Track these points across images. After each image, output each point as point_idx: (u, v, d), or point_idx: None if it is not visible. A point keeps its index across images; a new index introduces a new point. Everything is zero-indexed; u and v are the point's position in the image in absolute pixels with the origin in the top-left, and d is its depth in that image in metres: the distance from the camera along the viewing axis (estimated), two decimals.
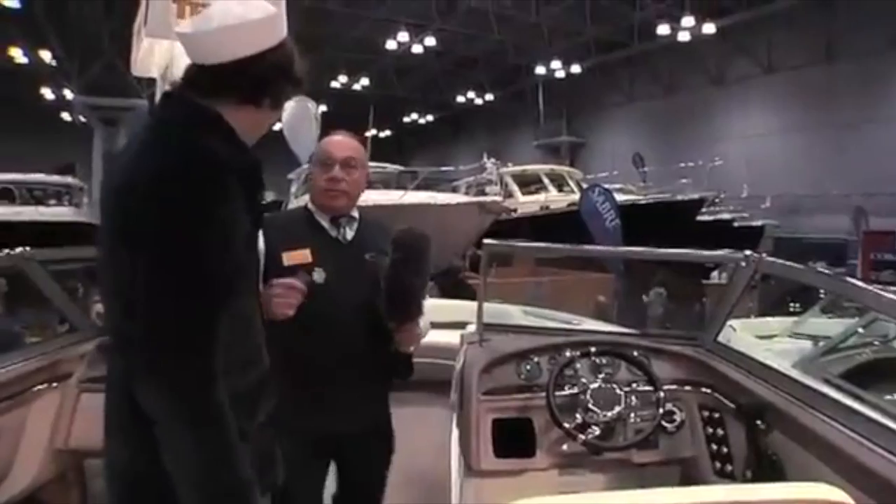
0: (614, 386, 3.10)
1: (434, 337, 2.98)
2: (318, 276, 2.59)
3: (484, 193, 16.09)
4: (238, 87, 1.77)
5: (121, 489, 1.80)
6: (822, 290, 4.35)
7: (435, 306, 2.90)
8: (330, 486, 2.85)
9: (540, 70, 30.20)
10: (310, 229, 2.73)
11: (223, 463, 1.61)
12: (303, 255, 2.62)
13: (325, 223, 2.74)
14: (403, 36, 26.97)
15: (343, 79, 33.35)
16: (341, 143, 2.78)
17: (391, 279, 2.54)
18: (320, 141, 2.87)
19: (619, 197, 17.63)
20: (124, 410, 1.71)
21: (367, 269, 2.65)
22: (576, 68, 29.74)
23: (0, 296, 7.87)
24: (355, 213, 2.80)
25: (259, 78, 1.78)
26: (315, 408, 2.60)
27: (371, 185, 17.67)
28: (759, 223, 18.19)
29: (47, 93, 32.04)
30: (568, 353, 3.22)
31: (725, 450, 3.00)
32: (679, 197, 18.06)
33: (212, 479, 1.61)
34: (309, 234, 2.71)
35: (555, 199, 20.03)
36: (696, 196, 17.88)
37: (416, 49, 28.27)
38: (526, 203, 20.21)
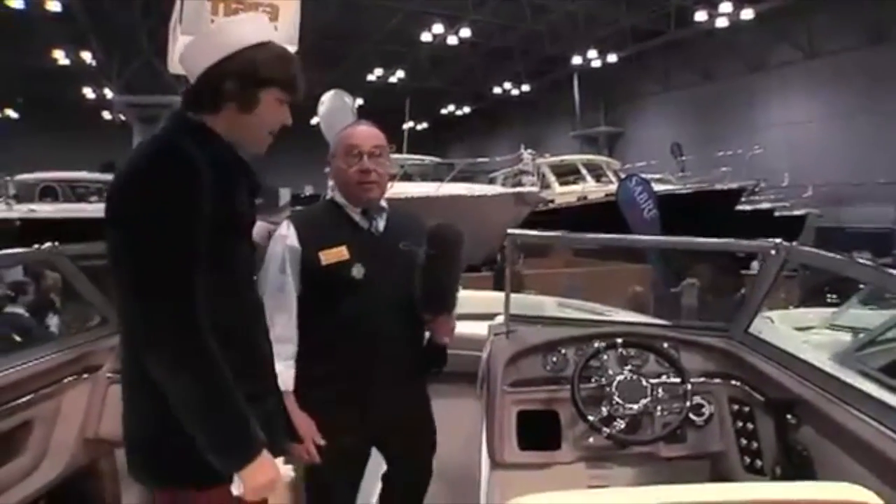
0: (641, 378, 3.06)
1: (464, 328, 3.00)
2: (357, 271, 2.63)
3: (520, 184, 16.02)
4: (203, 98, 1.99)
5: (140, 461, 1.99)
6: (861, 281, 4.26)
7: (466, 297, 2.86)
8: (369, 476, 2.91)
9: (576, 60, 29.93)
10: (342, 224, 2.74)
11: (219, 395, 1.80)
12: (339, 253, 2.65)
13: (356, 216, 2.75)
14: (438, 28, 26.92)
15: (378, 72, 33.36)
16: (366, 132, 2.77)
17: (426, 274, 2.59)
18: (340, 132, 2.85)
19: (657, 187, 17.45)
20: (127, 379, 1.98)
21: (402, 259, 2.69)
22: (612, 57, 29.39)
23: (56, 291, 8.06)
24: (384, 203, 2.81)
25: (214, 87, 1.97)
26: (359, 399, 2.66)
27: (408, 177, 17.73)
28: (800, 212, 17.84)
29: (88, 92, 32.62)
30: (594, 345, 3.17)
31: (755, 445, 2.94)
32: (718, 186, 17.82)
33: (213, 411, 1.80)
34: (342, 229, 2.72)
35: (592, 189, 19.89)
36: (734, 185, 17.63)
37: (451, 41, 28.12)
38: (563, 193, 20.14)
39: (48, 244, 3.17)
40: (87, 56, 27.67)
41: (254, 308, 2.13)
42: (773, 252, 3.03)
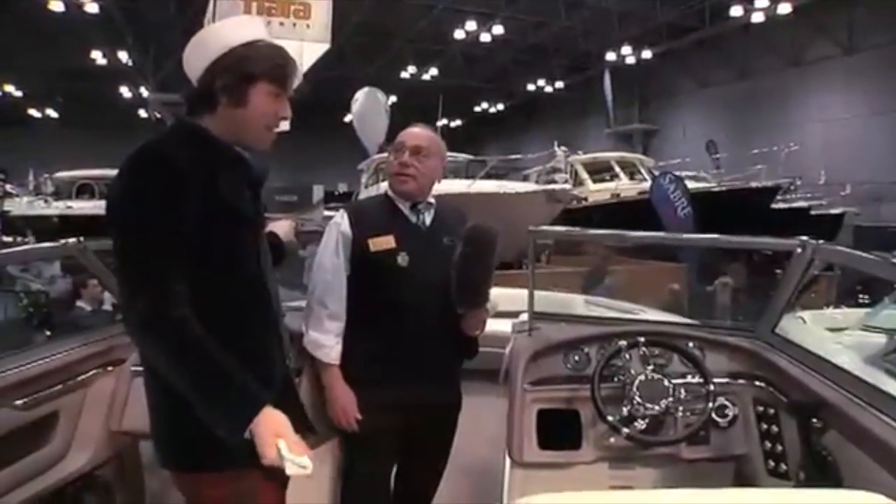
0: (663, 378, 3.00)
1: (492, 325, 3.04)
2: (402, 260, 2.86)
3: (553, 182, 15.95)
4: (200, 99, 2.09)
5: (162, 445, 2.12)
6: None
7: (495, 295, 2.92)
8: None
9: (610, 56, 29.75)
10: (392, 216, 2.96)
11: (202, 361, 1.88)
12: (387, 241, 2.87)
13: (405, 210, 2.97)
14: (471, 25, 26.91)
15: (412, 69, 33.42)
16: (413, 132, 3.02)
17: (461, 271, 2.75)
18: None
19: (692, 184, 17.33)
20: (145, 366, 2.09)
21: (444, 252, 2.85)
22: (647, 54, 29.16)
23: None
24: (432, 200, 3.04)
25: (208, 88, 2.07)
26: (400, 381, 2.85)
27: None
28: (837, 211, 17.58)
29: (125, 91, 33.24)
30: (617, 344, 3.12)
31: (780, 448, 2.88)
32: (753, 184, 17.62)
33: (199, 378, 1.89)
34: (391, 220, 2.94)
35: (626, 187, 19.75)
36: (770, 183, 17.41)
37: (485, 38, 28.14)
38: (597, 191, 20.01)
39: (74, 239, 3.23)
40: (123, 56, 28.28)
41: (263, 303, 2.18)
42: (799, 250, 2.98)
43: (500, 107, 41.68)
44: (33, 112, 37.79)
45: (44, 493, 2.81)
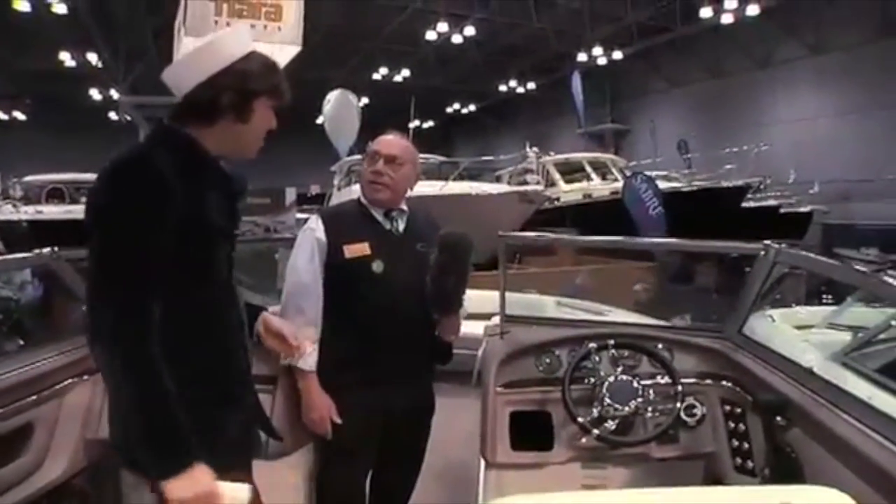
0: (632, 379, 3.07)
1: (462, 327, 3.09)
2: (377, 266, 2.90)
3: (525, 183, 16.01)
4: (198, 111, 2.07)
5: (125, 454, 2.09)
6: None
7: (468, 297, 2.99)
8: None
9: (582, 57, 29.89)
10: (366, 223, 3.01)
11: (149, 396, 1.84)
12: (362, 248, 2.91)
13: (379, 216, 3.01)
14: (443, 26, 26.82)
15: (384, 71, 33.40)
16: (388, 141, 3.05)
17: (436, 278, 2.81)
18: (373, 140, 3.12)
19: (663, 184, 17.47)
20: None
21: (418, 259, 2.92)
22: (618, 54, 29.33)
23: None
24: (405, 207, 3.08)
25: (210, 102, 2.06)
26: (375, 386, 2.89)
27: None
28: (806, 209, 17.79)
29: (94, 94, 32.80)
30: (587, 346, 3.18)
31: (746, 446, 2.94)
32: (723, 183, 17.84)
33: (140, 411, 1.86)
34: (365, 227, 2.99)
35: (598, 187, 19.89)
36: (740, 182, 17.63)
37: (456, 39, 28.07)
38: (569, 192, 20.11)
39: (48, 249, 3.21)
40: (92, 57, 27.84)
41: (230, 312, 2.19)
42: (762, 253, 3.06)
43: (472, 108, 41.72)
44: (0, 115, 37.20)
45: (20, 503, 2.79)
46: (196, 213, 1.99)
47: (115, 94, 29.18)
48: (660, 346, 3.24)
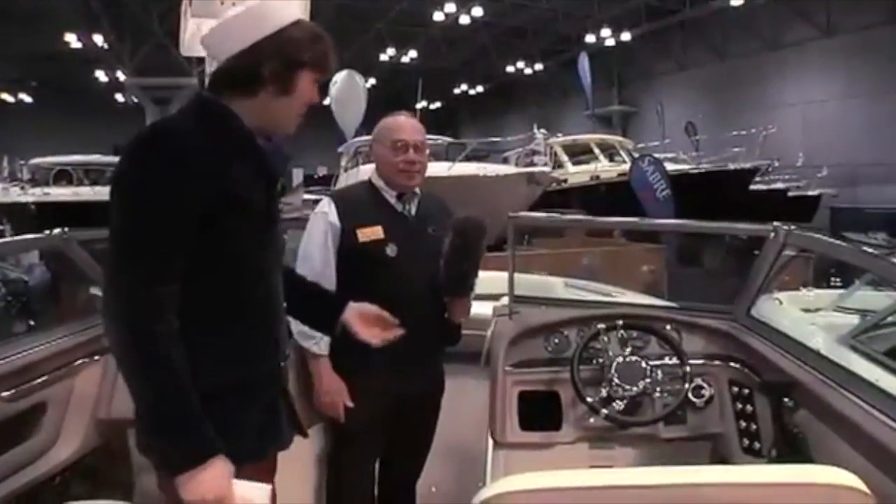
0: (641, 360, 3.08)
1: (474, 308, 3.08)
2: (391, 250, 2.88)
3: (533, 164, 15.98)
4: (239, 81, 1.93)
5: (140, 436, 1.94)
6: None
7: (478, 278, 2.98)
8: None
9: (590, 38, 29.71)
10: (379, 206, 2.98)
11: (164, 386, 1.74)
12: (375, 232, 2.89)
13: (391, 200, 2.99)
14: (450, 7, 26.72)
15: (391, 52, 33.24)
16: (412, 127, 3.01)
17: (449, 262, 2.82)
18: (383, 121, 3.07)
19: (671, 167, 17.42)
20: None
21: (430, 242, 2.91)
22: (626, 36, 29.18)
23: None
24: (417, 190, 3.04)
25: (252, 71, 1.92)
26: (387, 369, 2.83)
27: None
28: (814, 192, 17.75)
29: (101, 75, 32.80)
30: (596, 327, 3.18)
31: (754, 427, 2.95)
32: (731, 166, 17.76)
33: (156, 400, 1.75)
34: (379, 210, 2.96)
35: (605, 169, 19.81)
36: (748, 165, 17.55)
37: (464, 20, 27.93)
38: (576, 173, 20.05)
39: (58, 230, 3.20)
40: (98, 39, 27.78)
41: (258, 290, 2.03)
42: (772, 235, 3.05)
43: (480, 89, 41.60)
44: (6, 97, 37.14)
45: (32, 483, 2.81)
46: (225, 191, 1.86)
47: (121, 75, 29.16)
48: (668, 326, 3.24)
